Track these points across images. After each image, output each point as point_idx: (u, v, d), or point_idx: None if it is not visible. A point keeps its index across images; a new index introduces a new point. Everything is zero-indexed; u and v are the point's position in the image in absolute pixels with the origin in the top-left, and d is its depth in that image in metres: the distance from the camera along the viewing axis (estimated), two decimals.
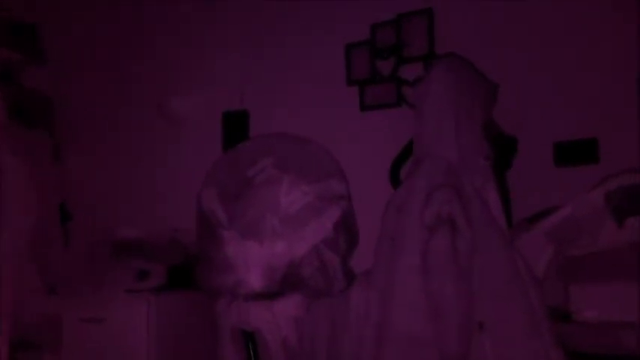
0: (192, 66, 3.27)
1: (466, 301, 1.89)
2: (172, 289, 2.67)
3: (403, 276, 1.97)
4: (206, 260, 2.42)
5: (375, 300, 2.07)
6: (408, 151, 2.41)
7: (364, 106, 2.88)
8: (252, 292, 2.26)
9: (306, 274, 2.29)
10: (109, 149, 3.40)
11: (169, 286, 2.68)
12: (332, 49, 2.96)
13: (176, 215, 2.87)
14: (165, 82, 3.32)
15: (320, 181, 2.42)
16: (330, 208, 2.37)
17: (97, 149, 3.41)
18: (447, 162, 2.07)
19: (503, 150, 2.29)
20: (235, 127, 3.13)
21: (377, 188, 2.57)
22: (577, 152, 2.43)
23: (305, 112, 2.95)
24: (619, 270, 1.83)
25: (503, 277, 1.91)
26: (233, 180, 2.52)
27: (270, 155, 2.53)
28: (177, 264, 2.76)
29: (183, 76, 3.28)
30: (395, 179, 2.46)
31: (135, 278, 2.68)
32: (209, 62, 3.24)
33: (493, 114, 2.34)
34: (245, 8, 3.18)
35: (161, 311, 2.54)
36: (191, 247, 2.71)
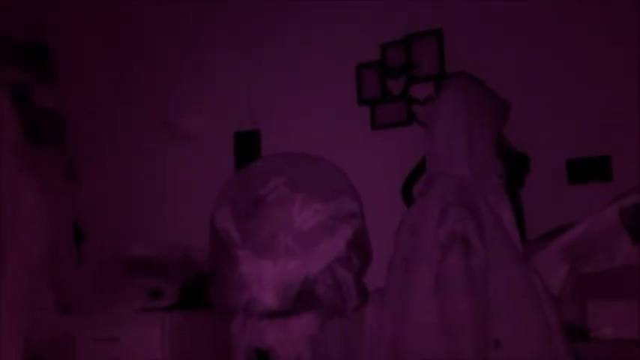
0: (203, 86, 3.30)
1: (481, 319, 1.89)
2: (185, 308, 2.67)
3: (417, 295, 1.97)
4: (220, 279, 2.43)
5: (389, 319, 2.07)
6: (420, 170, 2.42)
7: (375, 125, 2.90)
8: (266, 311, 2.27)
9: (320, 292, 2.29)
10: (122, 167, 3.42)
11: (182, 305, 2.68)
12: (343, 69, 2.98)
13: (188, 234, 2.88)
14: (176, 101, 3.35)
15: (332, 199, 2.43)
16: (342, 227, 2.38)
17: (109, 167, 3.43)
18: (459, 180, 2.08)
19: (515, 167, 2.31)
20: (247, 146, 3.15)
21: (388, 206, 2.57)
22: (590, 169, 2.44)
23: (316, 132, 2.97)
24: (636, 287, 1.83)
25: (519, 295, 1.91)
26: (245, 199, 2.54)
27: (282, 174, 2.55)
28: (190, 283, 2.77)
29: (195, 95, 3.31)
30: (407, 197, 2.47)
31: (147, 297, 2.69)
32: (220, 82, 3.27)
33: (505, 132, 2.35)
34: (256, 29, 3.22)
35: (174, 330, 2.54)
36: (204, 266, 2.72)
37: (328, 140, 2.91)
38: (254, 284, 2.28)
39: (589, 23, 2.53)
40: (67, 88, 3.54)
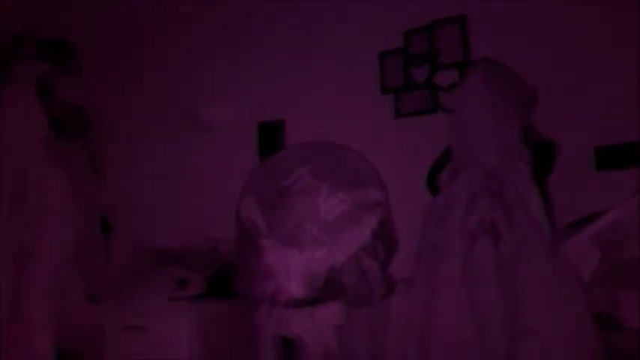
0: (227, 77, 3.31)
1: (510, 307, 1.88)
2: (212, 298, 2.70)
3: (446, 284, 1.96)
4: (246, 268, 2.44)
5: (416, 308, 2.06)
6: (445, 158, 2.40)
7: (399, 114, 2.89)
8: (292, 300, 2.27)
9: (346, 282, 2.29)
10: (147, 159, 3.45)
11: (208, 295, 2.71)
12: (366, 57, 2.97)
13: (214, 224, 2.89)
14: (199, 92, 3.37)
15: (357, 188, 2.42)
16: (368, 216, 2.37)
17: (135, 160, 3.46)
18: (487, 168, 2.06)
19: (543, 155, 2.28)
20: (271, 137, 3.15)
21: (413, 195, 2.56)
22: (618, 156, 2.40)
23: (340, 121, 2.96)
24: None
25: (549, 283, 1.89)
26: (271, 189, 2.54)
27: (307, 164, 2.55)
28: (216, 273, 2.79)
29: (218, 85, 3.32)
30: (433, 186, 2.45)
31: (174, 287, 2.72)
32: (244, 72, 3.27)
33: (532, 119, 2.33)
34: (279, 20, 3.21)
35: (201, 319, 2.57)
36: (229, 256, 2.73)
37: (351, 129, 2.90)
38: (280, 274, 2.28)
39: (617, 6, 2.49)
40: (91, 82, 3.57)
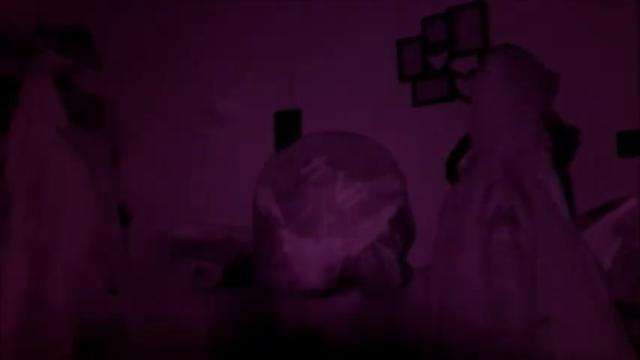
0: (243, 67, 3.31)
1: (530, 296, 1.85)
2: (230, 287, 2.70)
3: (464, 273, 1.94)
4: (263, 258, 2.44)
5: (434, 298, 2.05)
6: (463, 146, 2.37)
7: (417, 102, 2.86)
8: (309, 290, 2.27)
9: (363, 271, 2.28)
10: (164, 150, 3.46)
11: (227, 285, 2.71)
12: (383, 45, 2.94)
13: (231, 214, 2.90)
14: (216, 83, 3.37)
15: (375, 177, 2.41)
16: (385, 205, 2.36)
17: (153, 150, 3.47)
18: (506, 155, 2.03)
19: (564, 141, 2.24)
20: (287, 126, 3.14)
21: (431, 184, 2.54)
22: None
23: (357, 110, 2.95)
24: None
25: (569, 271, 1.86)
26: (287, 179, 2.54)
27: (324, 153, 2.53)
28: (234, 263, 2.79)
29: (235, 76, 3.32)
30: (451, 174, 2.43)
31: (193, 277, 2.73)
32: (260, 62, 3.26)
33: (553, 105, 2.28)
34: (294, 9, 3.19)
35: (220, 309, 2.57)
36: (247, 246, 2.73)
37: (369, 118, 2.88)
38: (297, 263, 2.28)
39: None
40: (109, 73, 3.59)
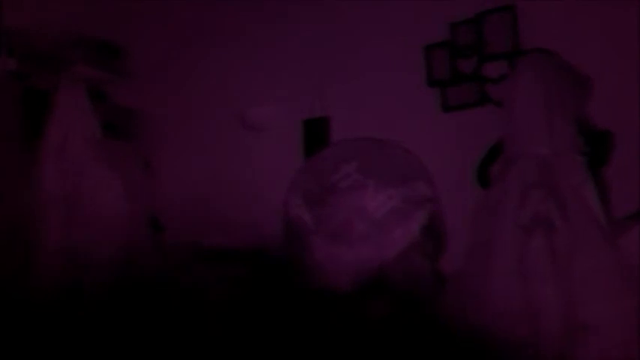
0: (271, 75, 3.32)
1: (567, 302, 1.82)
2: (261, 294, 2.70)
3: (498, 280, 1.91)
4: (293, 265, 2.44)
5: (468, 305, 2.02)
6: (496, 151, 2.34)
7: (446, 107, 2.84)
8: (341, 296, 2.26)
9: (395, 278, 2.26)
10: (195, 159, 3.49)
11: (257, 292, 2.71)
12: (411, 50, 2.93)
13: (261, 222, 2.90)
14: (245, 92, 3.39)
15: (405, 184, 2.37)
16: (416, 212, 2.32)
17: (184, 160, 3.51)
18: (540, 160, 2.00)
19: (598, 145, 2.20)
20: (316, 134, 3.15)
21: (462, 190, 2.51)
22: None
23: (386, 116, 2.94)
24: None
25: (606, 277, 1.82)
26: (317, 186, 2.51)
27: (354, 160, 2.50)
28: (264, 269, 2.80)
29: (263, 85, 3.34)
30: (483, 180, 2.40)
31: (224, 285, 2.74)
32: (288, 70, 3.28)
33: (587, 108, 2.25)
34: (320, 16, 3.20)
35: (252, 315, 2.57)
36: (276, 254, 2.74)
37: (398, 124, 2.87)
38: (328, 270, 2.26)
39: None
40: (141, 84, 3.64)
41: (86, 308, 2.69)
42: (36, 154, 2.91)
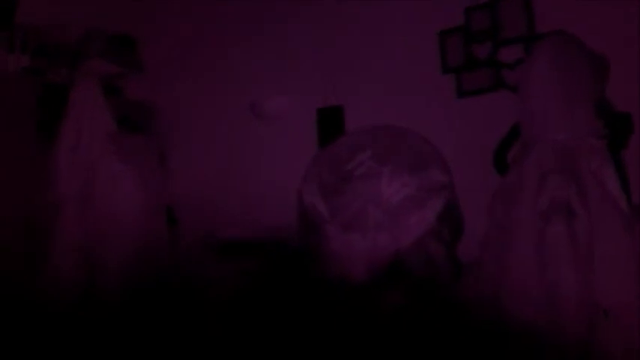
0: (285, 65, 3.30)
1: (587, 287, 1.78)
2: (277, 285, 2.70)
3: (517, 265, 1.89)
4: (309, 255, 2.42)
5: (487, 291, 1.99)
6: (513, 136, 2.31)
7: (461, 93, 2.80)
8: (357, 285, 2.24)
9: (412, 266, 2.24)
10: (208, 151, 3.49)
11: (273, 282, 2.71)
12: (425, 36, 2.89)
13: (276, 213, 2.89)
14: (259, 82, 3.37)
15: (421, 171, 2.34)
16: (432, 199, 2.30)
17: (197, 152, 3.50)
18: (558, 144, 1.96)
19: (617, 128, 2.15)
20: (330, 123, 3.13)
21: (479, 176, 2.48)
22: None
23: (400, 103, 2.90)
24: None
25: (627, 262, 1.79)
26: (332, 175, 2.50)
27: (368, 148, 2.48)
28: (279, 260, 2.79)
29: (277, 75, 3.32)
30: (500, 165, 2.37)
31: (240, 277, 2.73)
32: (302, 60, 3.25)
33: (605, 91, 2.20)
34: (334, 4, 3.17)
35: (268, 306, 2.57)
36: (291, 244, 2.72)
37: (412, 111, 2.83)
38: (344, 259, 2.25)
39: None
40: (155, 77, 3.64)
41: (99, 307, 2.70)
42: (52, 148, 2.93)
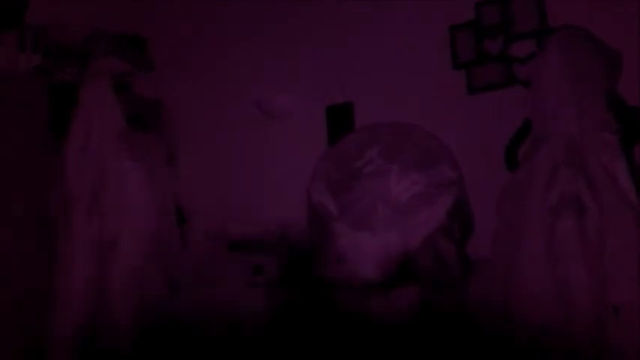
0: (294, 61, 3.29)
1: (598, 283, 1.76)
2: (287, 283, 2.69)
3: (528, 262, 1.87)
4: (319, 253, 2.42)
5: (497, 288, 1.98)
6: (524, 132, 2.28)
7: (472, 89, 2.78)
8: (367, 283, 2.23)
9: (422, 263, 2.23)
10: (218, 149, 3.48)
11: (283, 280, 2.71)
12: (435, 32, 2.87)
13: (285, 211, 2.89)
14: (268, 80, 3.36)
15: (430, 168, 2.35)
16: (442, 196, 2.29)
17: (206, 150, 3.50)
18: (569, 139, 1.94)
19: (629, 123, 2.12)
20: (340, 120, 3.11)
21: (489, 172, 2.45)
22: None
23: (411, 100, 2.88)
24: None
25: (638, 258, 1.76)
26: (341, 172, 2.51)
27: (377, 146, 2.49)
28: (289, 258, 2.78)
29: (287, 72, 3.30)
30: (511, 161, 2.34)
31: (250, 274, 2.73)
32: (311, 57, 3.24)
33: (617, 86, 2.17)
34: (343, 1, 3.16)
35: (278, 304, 2.57)
36: (301, 241, 2.72)
37: (423, 108, 2.82)
38: (354, 257, 2.25)
39: None
40: (163, 75, 3.64)
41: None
42: (62, 147, 2.94)
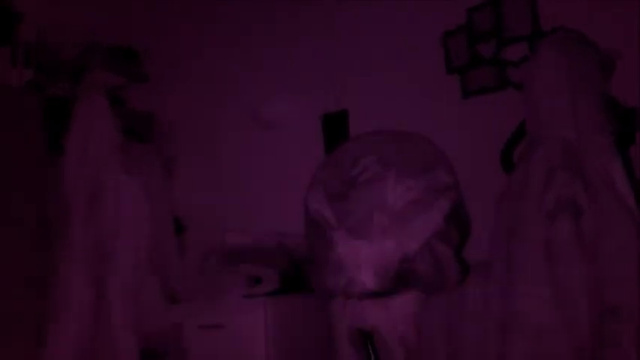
0: (288, 71, 3.30)
1: (596, 286, 1.75)
2: (286, 293, 2.68)
3: (525, 266, 1.86)
4: (317, 262, 2.41)
5: (495, 293, 1.97)
6: (519, 135, 2.28)
7: (466, 93, 2.78)
8: (365, 292, 2.22)
9: (420, 270, 2.21)
10: (215, 159, 3.48)
11: (282, 290, 2.69)
12: (428, 38, 2.87)
13: (283, 220, 2.88)
14: (263, 90, 3.36)
15: (426, 173, 2.34)
16: (438, 201, 2.28)
17: (204, 160, 3.50)
18: (564, 141, 1.94)
19: (624, 124, 2.12)
20: (335, 128, 3.11)
21: (485, 176, 2.45)
22: None
23: (406, 106, 2.88)
24: None
25: (635, 260, 1.76)
26: (338, 180, 2.50)
27: (373, 153, 2.48)
28: (288, 268, 2.77)
29: (281, 82, 3.31)
30: (507, 164, 2.34)
31: (248, 284, 2.72)
32: (304, 65, 3.24)
33: (610, 87, 2.17)
34: (335, 6, 3.16)
35: (277, 315, 2.55)
36: (299, 251, 2.71)
37: (418, 114, 2.82)
38: (351, 266, 2.23)
39: None
40: (158, 87, 3.64)
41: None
42: (58, 162, 2.93)
